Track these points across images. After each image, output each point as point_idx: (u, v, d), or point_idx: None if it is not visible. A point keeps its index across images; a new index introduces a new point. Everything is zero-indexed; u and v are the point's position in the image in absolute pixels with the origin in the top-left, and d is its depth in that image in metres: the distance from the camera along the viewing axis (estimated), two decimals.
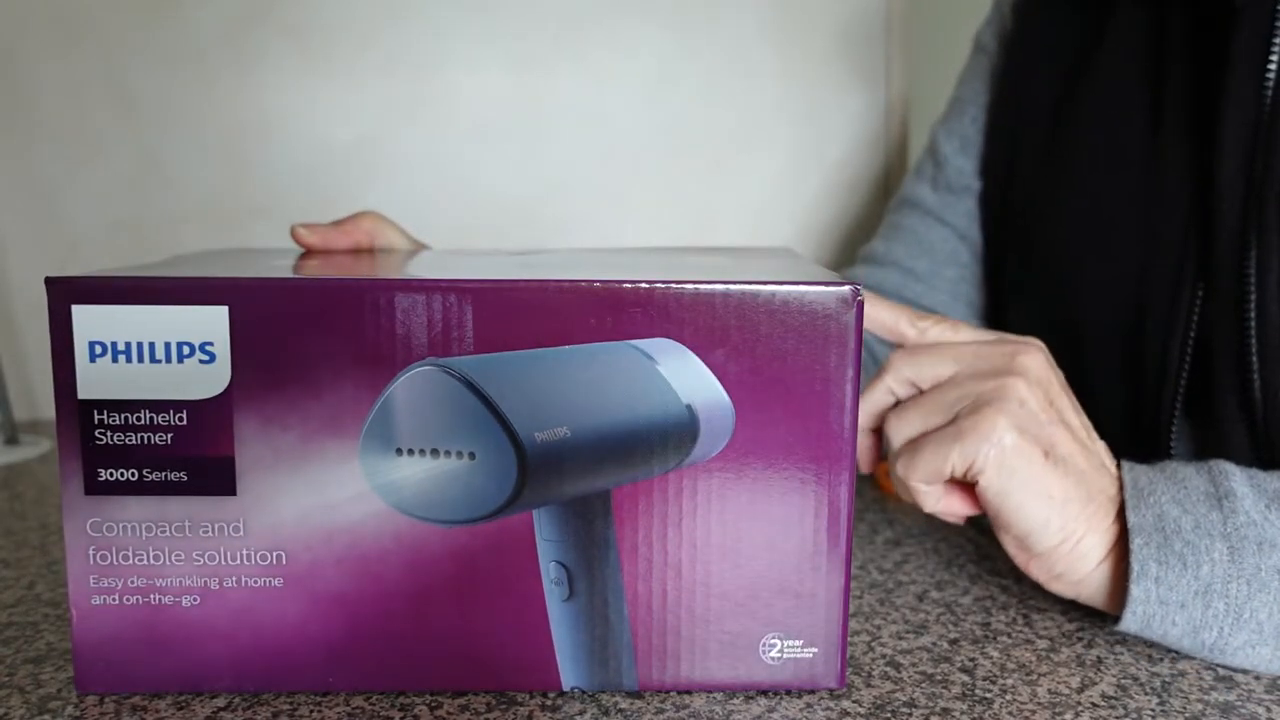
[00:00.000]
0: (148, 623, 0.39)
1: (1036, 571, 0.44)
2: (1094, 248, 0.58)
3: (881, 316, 0.46)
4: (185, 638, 0.39)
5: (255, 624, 0.39)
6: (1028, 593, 0.49)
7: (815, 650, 0.39)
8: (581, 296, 0.37)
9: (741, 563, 0.39)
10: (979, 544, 0.56)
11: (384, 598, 0.38)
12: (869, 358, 0.70)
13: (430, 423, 0.36)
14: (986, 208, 0.68)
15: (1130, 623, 0.42)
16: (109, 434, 0.37)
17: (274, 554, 0.38)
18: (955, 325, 0.46)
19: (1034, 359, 0.44)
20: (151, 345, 0.37)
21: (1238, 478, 0.42)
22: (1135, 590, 0.41)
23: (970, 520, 0.60)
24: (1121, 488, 0.44)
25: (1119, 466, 0.45)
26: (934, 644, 0.44)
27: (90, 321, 0.37)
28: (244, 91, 0.95)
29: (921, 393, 0.45)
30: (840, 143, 1.02)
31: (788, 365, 0.37)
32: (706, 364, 0.37)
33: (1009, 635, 0.44)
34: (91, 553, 0.38)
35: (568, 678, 0.39)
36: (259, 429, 0.37)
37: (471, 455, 0.36)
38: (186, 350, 0.37)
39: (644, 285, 0.37)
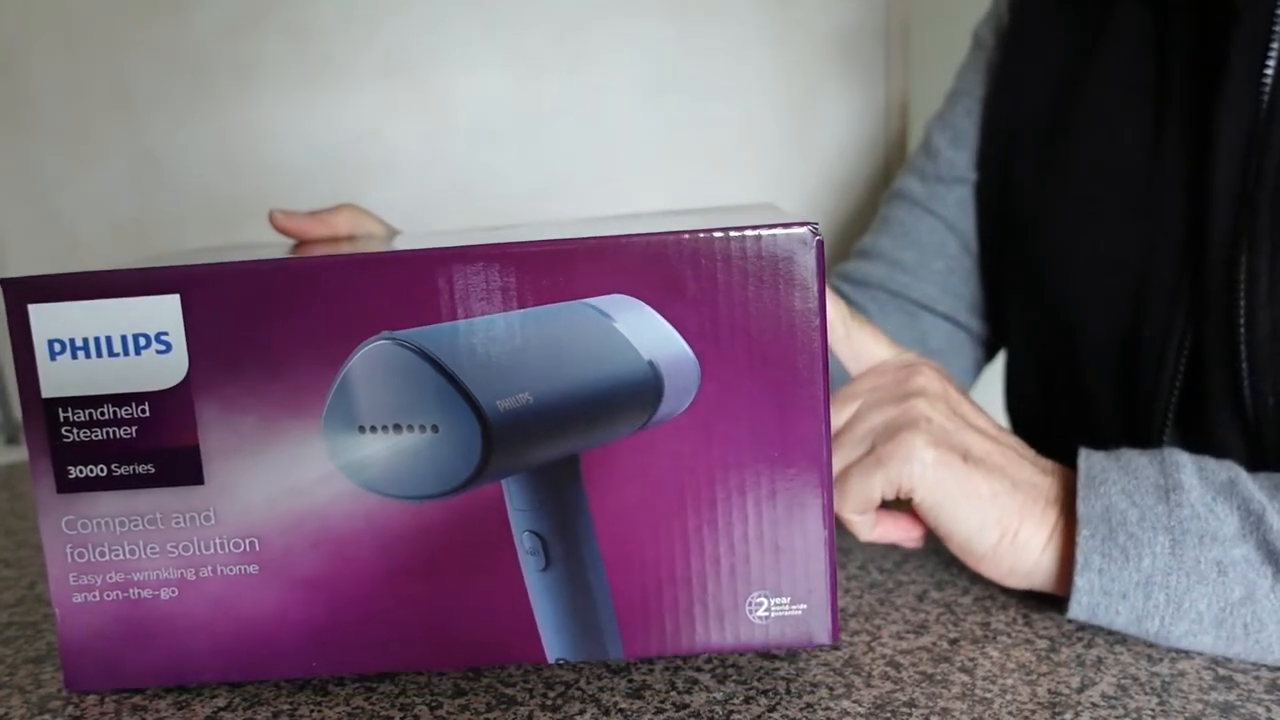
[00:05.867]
0: (129, 617, 0.39)
1: (989, 571, 0.46)
2: (1091, 254, 0.58)
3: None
4: (167, 630, 0.39)
5: (234, 612, 0.39)
6: (1027, 593, 0.49)
7: (804, 607, 0.39)
8: (532, 257, 0.36)
9: (717, 520, 0.38)
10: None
11: (360, 579, 0.38)
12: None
13: (390, 398, 0.36)
14: (982, 200, 0.68)
15: (1077, 612, 0.43)
16: (75, 431, 0.38)
17: (247, 541, 0.38)
18: (875, 334, 0.48)
19: (928, 378, 0.46)
20: (109, 339, 0.37)
21: (1188, 469, 0.43)
22: (1079, 581, 0.42)
23: None
24: (1062, 478, 0.46)
25: (1076, 453, 0.46)
26: (934, 644, 0.44)
27: (47, 319, 0.37)
28: (244, 92, 0.95)
29: (840, 431, 0.47)
30: (839, 142, 1.02)
31: (750, 313, 0.36)
32: (666, 318, 0.36)
33: (1009, 635, 0.44)
34: (69, 551, 0.38)
35: (552, 650, 0.39)
36: (220, 415, 0.37)
37: (434, 428, 0.36)
38: (143, 341, 0.37)
39: (593, 240, 0.36)
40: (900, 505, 0.48)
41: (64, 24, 0.93)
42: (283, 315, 0.37)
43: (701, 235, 0.36)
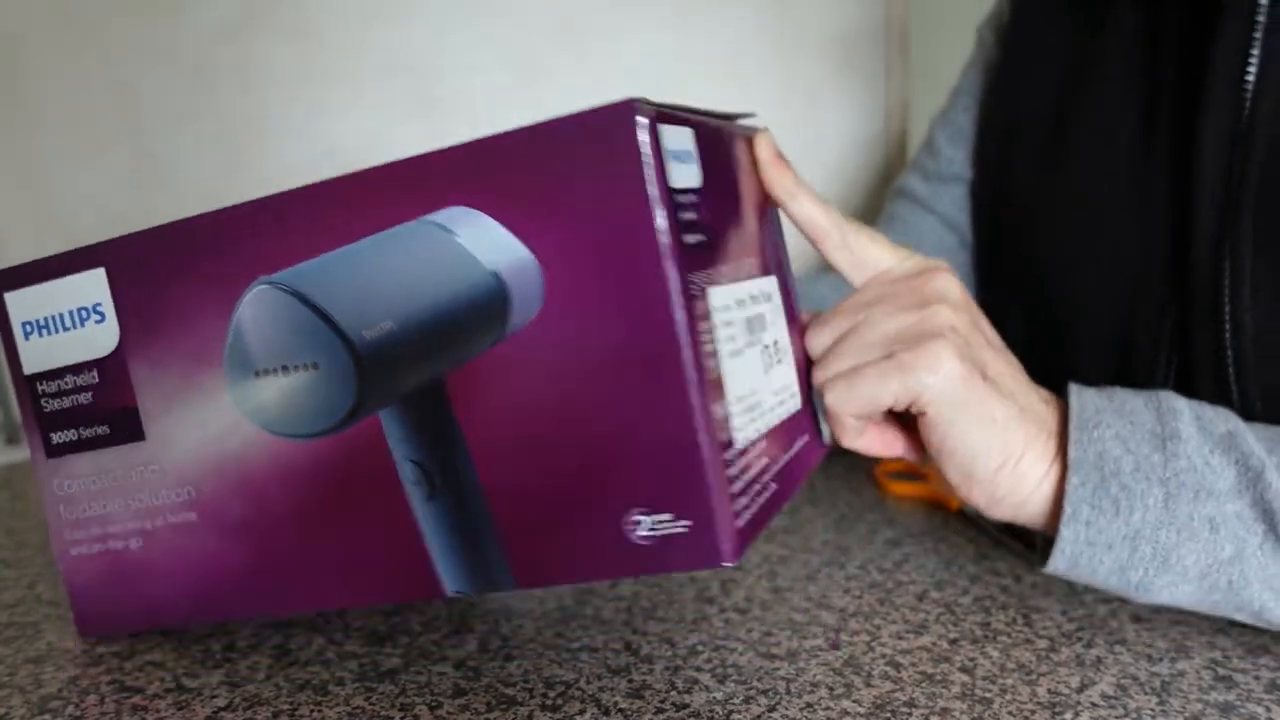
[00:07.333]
0: (111, 568, 0.43)
1: (978, 497, 0.43)
2: (1086, 254, 0.58)
3: (809, 211, 0.43)
4: (139, 577, 0.42)
5: (185, 559, 0.41)
6: (1027, 593, 0.49)
7: (689, 523, 0.34)
8: (369, 183, 0.36)
9: (582, 435, 0.35)
10: (979, 544, 0.56)
11: (276, 521, 0.40)
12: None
13: (275, 340, 0.38)
14: (977, 199, 0.68)
15: (1059, 562, 0.42)
16: (51, 401, 0.42)
17: (185, 490, 0.41)
18: (874, 236, 0.44)
19: (948, 283, 0.43)
20: (61, 316, 0.41)
21: (1185, 417, 0.41)
22: (1065, 532, 0.41)
23: (968, 520, 0.60)
24: (1059, 410, 0.43)
25: (1066, 389, 0.44)
26: (934, 644, 0.44)
27: (20, 304, 0.42)
28: (244, 92, 0.94)
29: (845, 333, 0.43)
30: (840, 143, 1.02)
31: (583, 202, 0.34)
32: (503, 222, 0.35)
33: (1009, 635, 0.44)
34: (61, 510, 0.43)
35: (449, 583, 0.38)
36: (150, 374, 0.40)
37: (315, 365, 0.37)
38: (85, 314, 0.41)
39: (420, 156, 0.35)
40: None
41: (64, 24, 0.93)
42: (183, 273, 0.39)
43: (522, 129, 0.34)
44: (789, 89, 1.00)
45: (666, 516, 0.34)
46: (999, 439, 0.41)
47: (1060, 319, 0.59)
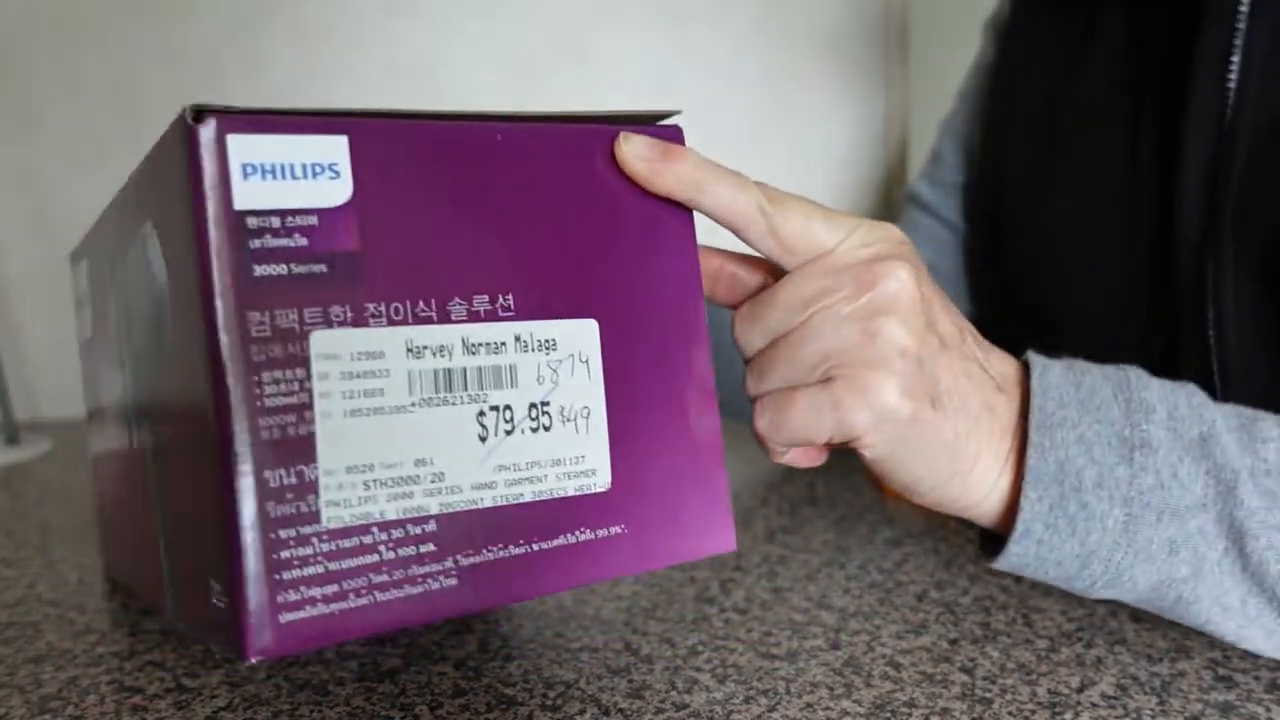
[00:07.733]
0: (101, 509, 0.50)
1: (923, 503, 0.39)
2: (1078, 253, 0.58)
3: (723, 198, 0.36)
4: (105, 527, 0.50)
5: (106, 519, 0.49)
6: (1027, 593, 0.49)
7: (227, 600, 0.29)
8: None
9: (185, 488, 0.32)
10: (979, 544, 0.56)
11: (129, 512, 0.42)
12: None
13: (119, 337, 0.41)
14: (974, 198, 0.68)
15: (1003, 564, 0.39)
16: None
17: (96, 466, 0.48)
18: (806, 211, 0.37)
19: (900, 280, 0.36)
20: (79, 299, 0.48)
21: (1157, 416, 0.37)
22: (1014, 548, 0.38)
23: (967, 520, 0.60)
24: (1019, 393, 0.39)
25: (1026, 367, 0.39)
26: (934, 644, 0.44)
27: (74, 276, 0.49)
28: (246, 92, 0.94)
29: (780, 338, 0.37)
30: (840, 145, 1.02)
31: (169, 223, 0.30)
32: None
33: (1009, 635, 0.44)
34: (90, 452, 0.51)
35: (169, 604, 0.37)
36: (93, 358, 0.46)
37: (126, 363, 0.39)
38: (80, 301, 0.48)
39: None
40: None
41: (64, 24, 0.93)
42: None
43: (155, 149, 0.31)
44: (788, 88, 1.00)
45: (219, 589, 0.29)
46: (946, 458, 0.37)
47: (1054, 320, 0.59)
